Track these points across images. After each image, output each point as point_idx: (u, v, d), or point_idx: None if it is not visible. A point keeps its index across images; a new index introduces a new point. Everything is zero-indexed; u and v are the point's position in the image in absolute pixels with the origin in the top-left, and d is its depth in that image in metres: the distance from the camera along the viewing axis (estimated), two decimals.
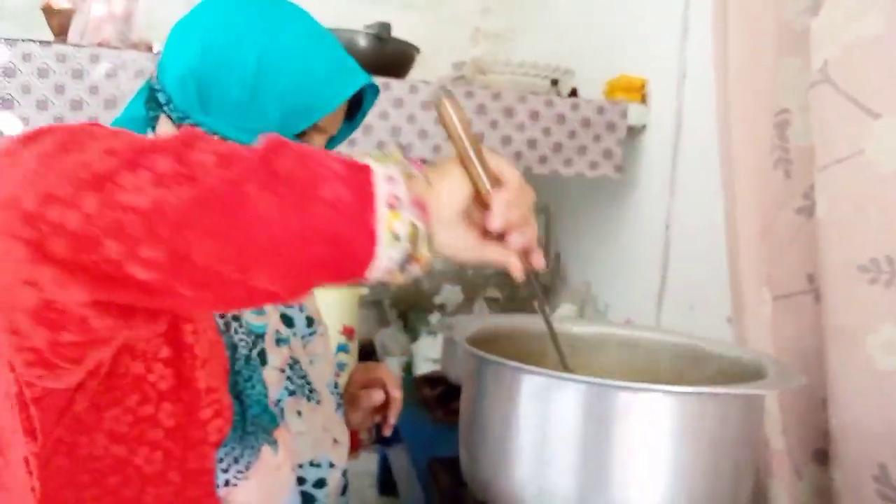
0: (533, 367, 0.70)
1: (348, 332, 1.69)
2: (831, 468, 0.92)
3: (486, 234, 0.57)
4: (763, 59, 1.07)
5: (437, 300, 2.20)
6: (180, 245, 0.46)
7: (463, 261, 0.57)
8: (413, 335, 1.95)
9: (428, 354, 1.77)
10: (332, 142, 0.81)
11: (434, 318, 1.95)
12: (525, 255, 0.58)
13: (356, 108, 0.81)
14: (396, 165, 0.52)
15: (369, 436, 0.97)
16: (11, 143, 0.49)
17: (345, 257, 0.50)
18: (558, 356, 0.74)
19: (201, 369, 0.66)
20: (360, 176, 0.50)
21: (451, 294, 2.20)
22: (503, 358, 0.73)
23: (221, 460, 0.67)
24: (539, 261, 0.59)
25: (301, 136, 0.73)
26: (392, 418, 0.92)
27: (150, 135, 0.72)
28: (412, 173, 0.53)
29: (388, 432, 0.93)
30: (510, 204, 0.55)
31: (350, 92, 0.73)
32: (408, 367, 1.84)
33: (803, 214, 1.01)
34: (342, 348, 1.66)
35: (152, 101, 0.72)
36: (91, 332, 0.50)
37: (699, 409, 0.68)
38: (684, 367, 0.91)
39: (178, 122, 0.70)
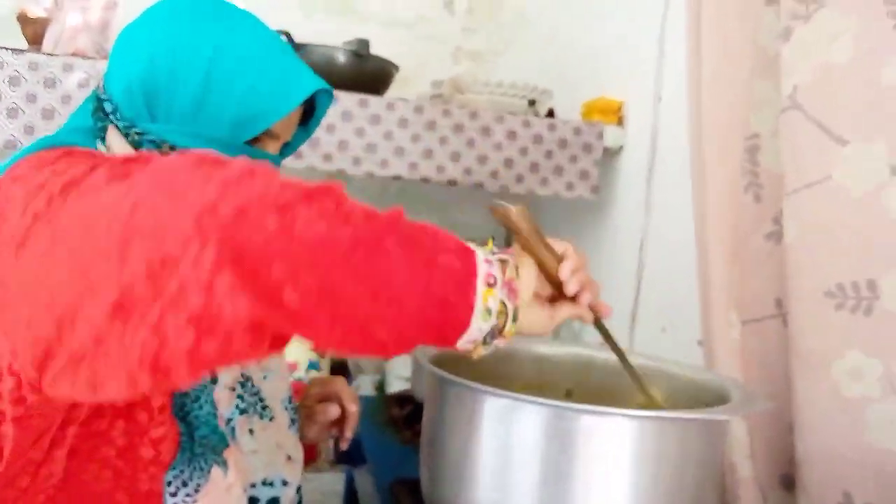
0: (494, 389, 0.69)
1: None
2: (797, 494, 0.92)
3: (553, 299, 0.67)
4: (736, 83, 1.07)
5: None
6: (331, 280, 0.51)
7: (543, 333, 0.67)
8: None
9: (401, 373, 1.75)
10: (286, 147, 0.79)
11: None
12: (593, 306, 0.69)
13: (310, 113, 0.80)
14: (492, 252, 0.60)
15: (327, 449, 0.95)
16: (198, 162, 0.52)
17: (447, 322, 0.56)
18: (641, 389, 0.81)
19: None
20: (467, 252, 0.57)
21: None
22: (465, 379, 0.72)
23: (170, 483, 0.66)
24: (606, 309, 0.71)
25: (254, 141, 0.72)
26: (348, 432, 0.90)
27: (99, 147, 0.70)
28: (505, 260, 0.60)
29: (344, 446, 0.92)
30: (575, 270, 0.66)
31: (302, 97, 0.72)
32: (380, 386, 1.82)
33: (772, 240, 1.02)
34: (313, 366, 1.64)
35: (99, 111, 0.70)
36: (229, 350, 0.52)
37: (661, 434, 0.67)
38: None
39: (125, 132, 0.68)
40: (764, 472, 0.98)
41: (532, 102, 1.57)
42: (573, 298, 0.67)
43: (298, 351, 1.63)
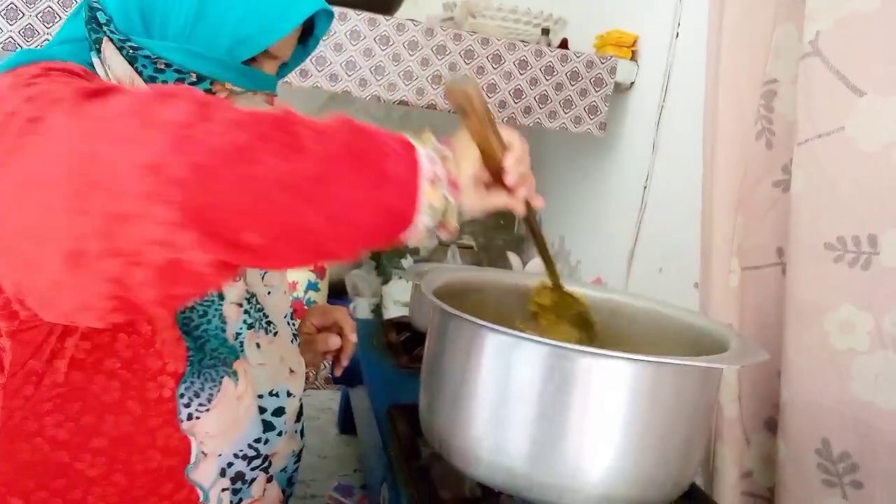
0: (496, 326, 0.70)
1: (319, 271, 1.68)
2: (777, 438, 0.95)
3: (490, 185, 0.67)
4: (758, 24, 1.05)
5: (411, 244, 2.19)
6: (292, 215, 0.51)
7: (477, 212, 0.67)
8: (385, 277, 1.95)
9: (398, 297, 1.77)
10: (283, 68, 0.77)
11: (407, 262, 1.95)
12: (527, 200, 0.70)
13: (309, 32, 0.77)
14: (433, 147, 0.61)
15: (317, 373, 0.98)
16: (139, 101, 0.51)
17: (395, 227, 0.58)
18: (553, 279, 0.87)
19: None
20: (410, 155, 0.58)
21: None
22: (468, 314, 0.73)
23: (182, 395, 0.68)
24: (539, 201, 0.71)
25: (251, 61, 0.70)
26: (344, 361, 0.93)
27: (94, 59, 0.68)
28: (446, 155, 0.61)
29: (338, 373, 0.94)
30: (519, 162, 0.66)
31: (301, 18, 0.69)
32: (377, 309, 1.85)
33: (780, 188, 1.01)
34: (312, 286, 1.65)
35: (93, 21, 0.67)
36: (203, 287, 0.55)
37: (657, 378, 0.69)
38: (646, 331, 0.92)
39: (119, 45, 0.66)
40: (749, 414, 1.02)
41: (546, 31, 1.53)
42: (510, 188, 0.68)
43: (298, 271, 1.64)
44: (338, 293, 1.87)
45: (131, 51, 0.66)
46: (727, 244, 1.06)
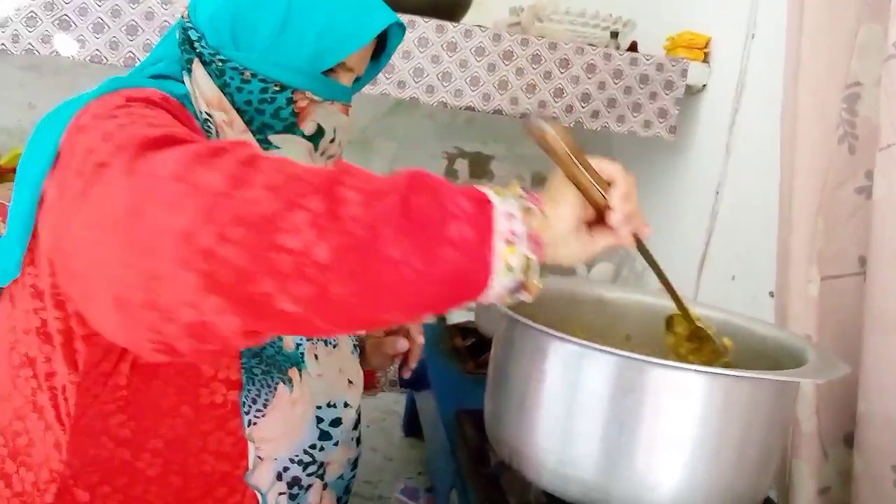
0: (565, 335, 0.70)
1: None
2: (854, 453, 0.91)
3: (593, 224, 0.63)
4: (841, 25, 1.00)
5: None
6: (324, 284, 0.50)
7: (578, 262, 0.65)
8: None
9: None
10: (357, 82, 0.81)
11: None
12: (634, 232, 0.66)
13: (380, 48, 0.81)
14: (516, 200, 0.56)
15: (386, 374, 0.99)
16: (186, 161, 0.52)
17: (462, 289, 0.54)
18: (682, 313, 0.80)
19: None
20: (482, 215, 0.54)
21: None
22: (535, 322, 0.72)
23: (243, 404, 0.71)
24: (647, 230, 0.67)
25: (330, 73, 0.74)
26: (413, 363, 0.94)
27: (185, 79, 0.73)
28: (529, 208, 0.57)
29: (407, 375, 0.96)
30: (625, 199, 0.62)
31: (379, 29, 0.73)
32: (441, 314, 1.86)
33: (863, 194, 0.97)
34: None
35: (185, 41, 0.73)
36: (229, 348, 0.58)
37: (731, 392, 0.67)
38: None
39: (209, 59, 0.71)
40: (827, 428, 0.98)
41: (614, 34, 1.51)
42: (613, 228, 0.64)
43: None
44: None
45: (220, 63, 0.71)
46: (806, 252, 1.02)
